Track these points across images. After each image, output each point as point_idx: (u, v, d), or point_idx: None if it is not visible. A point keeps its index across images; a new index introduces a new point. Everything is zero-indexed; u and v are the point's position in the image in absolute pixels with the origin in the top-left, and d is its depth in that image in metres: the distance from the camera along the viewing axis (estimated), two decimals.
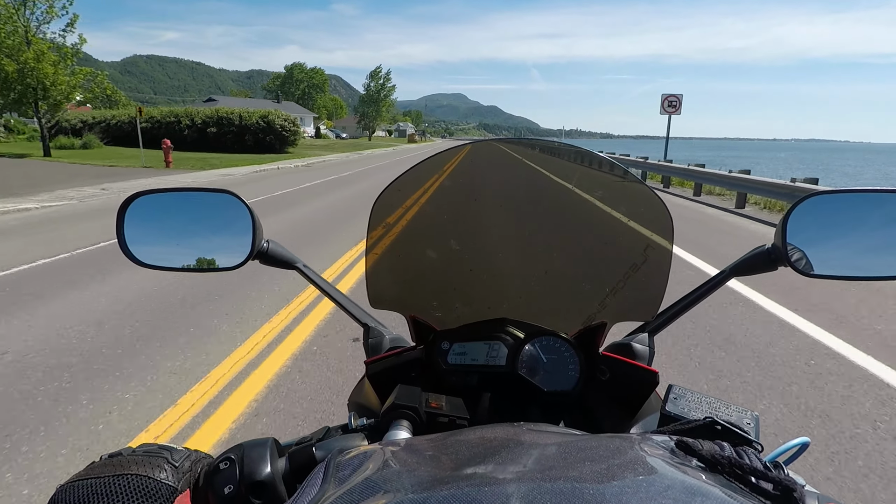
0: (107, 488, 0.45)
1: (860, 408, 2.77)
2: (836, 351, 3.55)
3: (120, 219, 0.72)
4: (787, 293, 4.71)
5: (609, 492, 0.31)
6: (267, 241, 0.78)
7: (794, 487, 0.35)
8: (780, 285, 4.84)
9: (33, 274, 5.31)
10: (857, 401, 2.85)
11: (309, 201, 11.34)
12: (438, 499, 0.32)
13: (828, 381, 3.08)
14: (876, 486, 2.13)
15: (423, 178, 0.76)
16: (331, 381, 3.05)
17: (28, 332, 3.72)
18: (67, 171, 16.58)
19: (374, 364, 0.74)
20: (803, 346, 3.64)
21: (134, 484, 0.46)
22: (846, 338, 3.77)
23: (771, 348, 3.58)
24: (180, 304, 4.35)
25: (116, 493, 0.44)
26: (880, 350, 3.56)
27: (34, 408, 2.70)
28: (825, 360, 3.39)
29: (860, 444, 2.43)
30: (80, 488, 0.45)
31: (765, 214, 10.53)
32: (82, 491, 0.45)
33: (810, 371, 3.23)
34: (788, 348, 3.59)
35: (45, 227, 7.89)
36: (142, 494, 0.45)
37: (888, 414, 2.71)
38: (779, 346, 3.61)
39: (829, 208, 0.66)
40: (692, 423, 0.46)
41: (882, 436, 2.50)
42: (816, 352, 3.53)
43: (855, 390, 2.99)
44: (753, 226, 9.16)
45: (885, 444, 2.43)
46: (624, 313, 0.76)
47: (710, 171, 13.44)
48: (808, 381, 3.09)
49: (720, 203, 12.19)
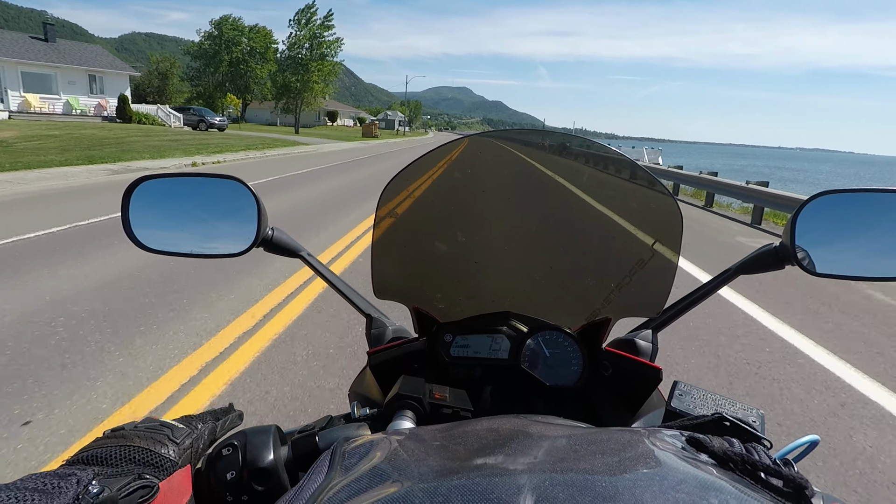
0: (108, 454, 0.46)
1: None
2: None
3: (125, 203, 0.72)
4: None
5: (622, 484, 0.31)
6: (272, 229, 0.77)
7: (805, 485, 0.35)
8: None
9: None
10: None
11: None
12: (449, 488, 0.32)
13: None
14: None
15: (431, 165, 0.75)
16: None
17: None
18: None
19: (377, 354, 0.74)
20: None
21: (136, 454, 0.47)
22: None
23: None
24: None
25: (118, 458, 0.46)
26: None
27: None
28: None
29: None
30: (83, 456, 0.46)
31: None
32: (84, 456, 0.46)
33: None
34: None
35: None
36: (142, 462, 0.47)
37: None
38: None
39: (840, 208, 0.66)
40: (701, 418, 0.45)
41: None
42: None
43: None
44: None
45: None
46: (629, 309, 0.76)
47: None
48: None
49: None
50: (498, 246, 0.82)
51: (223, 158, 16.16)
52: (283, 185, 10.89)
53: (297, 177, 12.86)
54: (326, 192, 10.40)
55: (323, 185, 11.59)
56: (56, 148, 14.92)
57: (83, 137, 18.63)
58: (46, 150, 14.38)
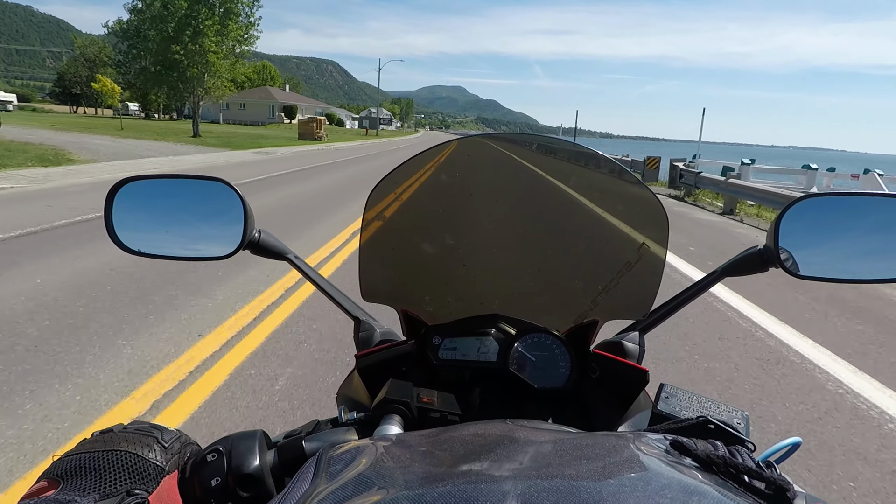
0: (97, 463, 0.46)
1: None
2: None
3: (108, 204, 0.71)
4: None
5: (606, 490, 0.31)
6: (258, 231, 0.76)
7: (787, 487, 0.35)
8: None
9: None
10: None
11: None
12: (434, 496, 0.32)
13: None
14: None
15: (420, 167, 0.75)
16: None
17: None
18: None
19: (365, 357, 0.73)
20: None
21: (123, 461, 0.46)
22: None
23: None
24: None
25: (106, 468, 0.45)
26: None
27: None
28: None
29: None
30: (71, 462, 0.46)
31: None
32: (73, 464, 0.46)
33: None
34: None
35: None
36: (131, 472, 0.46)
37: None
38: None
39: (824, 211, 0.67)
40: (686, 421, 0.46)
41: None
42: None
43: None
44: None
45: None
46: (616, 311, 0.77)
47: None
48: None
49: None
50: (486, 248, 0.82)
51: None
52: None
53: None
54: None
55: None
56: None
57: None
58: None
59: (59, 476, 0.45)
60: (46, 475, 0.46)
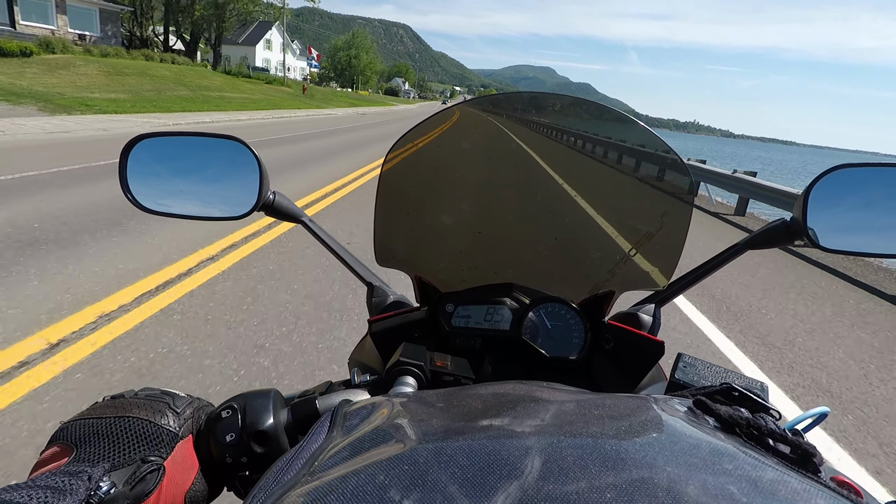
0: (109, 429, 0.45)
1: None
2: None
3: (123, 161, 0.70)
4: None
5: (632, 448, 0.30)
6: (273, 193, 0.75)
7: (814, 452, 0.34)
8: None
9: None
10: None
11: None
12: (454, 448, 0.31)
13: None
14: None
15: (437, 126, 0.74)
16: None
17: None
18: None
19: (378, 322, 0.73)
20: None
21: (136, 427, 0.46)
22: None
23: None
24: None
25: (118, 434, 0.45)
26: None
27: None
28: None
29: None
30: (84, 427, 0.45)
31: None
32: (85, 430, 0.45)
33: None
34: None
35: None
36: (144, 438, 0.45)
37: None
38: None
39: (856, 182, 0.64)
40: (708, 388, 0.45)
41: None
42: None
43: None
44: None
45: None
46: (634, 283, 0.75)
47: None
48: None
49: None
50: (502, 216, 0.81)
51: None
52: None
53: None
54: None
55: None
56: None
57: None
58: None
59: (72, 442, 0.44)
60: (58, 440, 0.45)
